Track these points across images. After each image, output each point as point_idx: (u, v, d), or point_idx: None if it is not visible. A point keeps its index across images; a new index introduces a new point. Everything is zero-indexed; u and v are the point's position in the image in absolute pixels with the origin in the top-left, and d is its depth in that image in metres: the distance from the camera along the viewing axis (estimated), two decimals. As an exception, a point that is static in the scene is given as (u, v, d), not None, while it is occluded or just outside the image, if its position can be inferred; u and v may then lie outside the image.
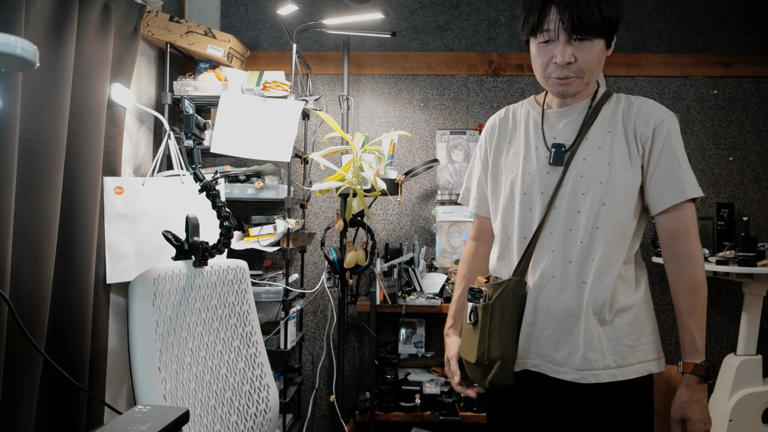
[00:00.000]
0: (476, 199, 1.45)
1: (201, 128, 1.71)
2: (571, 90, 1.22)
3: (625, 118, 1.24)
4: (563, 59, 1.17)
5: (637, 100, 1.26)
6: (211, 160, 2.66)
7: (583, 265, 1.20)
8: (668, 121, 1.22)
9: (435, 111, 2.78)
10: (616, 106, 1.26)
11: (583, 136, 1.24)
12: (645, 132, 1.21)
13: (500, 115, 1.40)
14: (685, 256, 1.21)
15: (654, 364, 1.22)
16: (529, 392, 1.27)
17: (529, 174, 1.27)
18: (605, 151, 1.21)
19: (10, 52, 0.82)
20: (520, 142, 1.32)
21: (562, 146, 1.24)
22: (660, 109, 1.25)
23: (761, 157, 2.72)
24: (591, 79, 1.23)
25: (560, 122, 1.28)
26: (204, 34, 2.36)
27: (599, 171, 1.20)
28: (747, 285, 2.37)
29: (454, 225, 2.69)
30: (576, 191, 1.21)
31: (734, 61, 2.73)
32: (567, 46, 1.16)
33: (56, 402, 1.63)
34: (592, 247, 1.19)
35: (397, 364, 2.53)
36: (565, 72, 1.19)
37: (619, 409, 1.20)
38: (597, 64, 1.20)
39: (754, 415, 2.33)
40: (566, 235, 1.21)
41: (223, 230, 1.58)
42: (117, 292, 2.02)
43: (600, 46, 1.18)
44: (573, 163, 1.22)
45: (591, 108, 1.26)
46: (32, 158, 1.53)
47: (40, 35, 1.55)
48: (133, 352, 1.36)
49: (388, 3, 2.79)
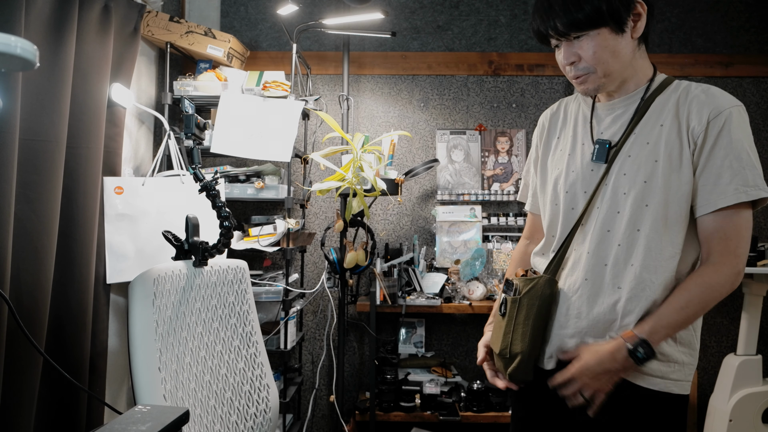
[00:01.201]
0: (532, 196, 1.40)
1: (201, 128, 1.71)
2: (590, 87, 1.15)
3: (680, 109, 1.11)
4: (565, 60, 1.14)
5: (697, 89, 1.13)
6: (211, 160, 2.66)
7: (620, 269, 1.13)
8: (727, 112, 1.07)
9: (435, 111, 2.78)
10: (672, 96, 1.14)
11: (631, 130, 1.14)
12: (698, 126, 1.09)
13: (552, 109, 1.35)
14: (724, 265, 1.08)
15: (676, 386, 1.13)
16: (549, 389, 1.21)
17: (573, 171, 1.21)
18: (653, 147, 1.11)
19: (10, 52, 0.82)
20: (568, 138, 1.26)
21: (607, 142, 1.16)
22: (721, 98, 1.10)
23: (761, 157, 2.72)
24: (611, 72, 1.12)
25: (609, 116, 1.20)
26: (204, 34, 2.36)
27: (643, 169, 1.11)
28: (747, 285, 2.37)
29: (454, 225, 2.69)
30: (617, 190, 1.14)
31: (734, 61, 2.73)
32: (567, 47, 1.13)
33: (56, 402, 1.63)
34: (631, 252, 1.12)
35: (397, 364, 2.53)
36: (575, 71, 1.14)
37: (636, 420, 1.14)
38: (609, 55, 1.10)
39: (754, 415, 2.33)
40: (603, 236, 1.15)
41: (223, 230, 1.59)
42: (117, 292, 2.02)
43: (603, 36, 1.09)
44: (617, 161, 1.14)
45: (643, 99, 1.16)
46: (32, 158, 1.53)
47: (40, 35, 1.55)
48: (133, 352, 1.36)
49: (388, 3, 2.79)
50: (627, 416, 1.14)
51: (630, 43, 1.12)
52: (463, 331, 2.73)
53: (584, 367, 1.12)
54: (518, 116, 2.76)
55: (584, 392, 1.13)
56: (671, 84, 1.16)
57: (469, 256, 2.59)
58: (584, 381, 1.12)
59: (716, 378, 2.45)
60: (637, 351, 1.07)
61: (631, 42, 1.12)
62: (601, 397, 1.12)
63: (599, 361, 1.10)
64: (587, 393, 1.12)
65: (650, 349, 1.07)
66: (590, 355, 1.12)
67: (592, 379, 1.11)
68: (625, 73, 1.15)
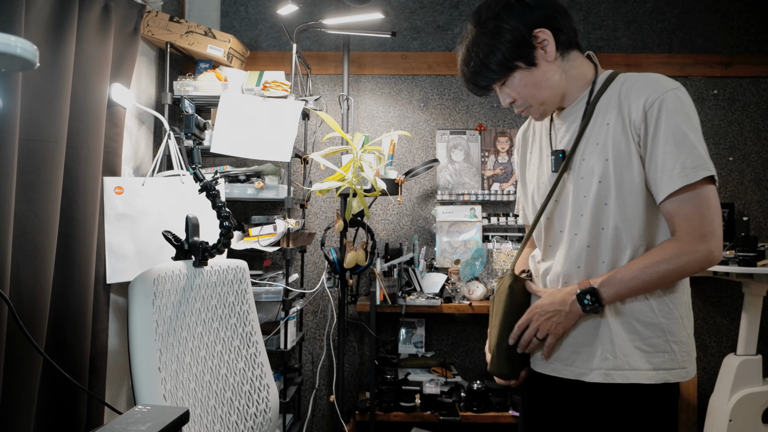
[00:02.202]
0: (523, 209, 1.45)
1: (201, 128, 1.71)
2: (535, 116, 1.24)
3: (622, 104, 1.14)
4: (504, 103, 1.23)
5: (632, 79, 1.15)
6: (211, 160, 2.66)
7: (592, 269, 1.17)
8: (660, 99, 1.09)
9: (435, 111, 2.78)
10: (614, 92, 1.16)
11: (581, 135, 1.18)
12: (637, 119, 1.11)
13: (524, 126, 1.41)
14: (688, 239, 1.08)
15: (672, 374, 1.13)
16: (553, 393, 1.26)
17: (543, 183, 1.27)
18: (603, 147, 1.15)
19: (10, 52, 0.82)
20: (536, 152, 1.33)
21: (561, 152, 1.22)
22: (654, 84, 1.11)
23: (761, 157, 2.72)
24: (544, 99, 1.19)
25: (563, 126, 1.24)
26: (204, 34, 2.36)
27: (597, 170, 1.14)
28: (747, 285, 2.37)
29: (454, 225, 2.69)
30: (578, 194, 1.18)
31: (734, 61, 2.73)
32: (500, 93, 1.22)
33: (56, 402, 1.63)
34: (600, 250, 1.16)
35: (397, 364, 2.53)
36: (517, 108, 1.24)
37: (629, 413, 1.15)
38: (533, 89, 1.18)
39: (754, 415, 2.33)
40: (573, 240, 1.19)
41: (223, 230, 1.58)
42: (117, 292, 2.02)
43: (520, 76, 1.16)
44: (574, 166, 1.19)
45: (588, 103, 1.19)
46: (32, 158, 1.53)
47: (40, 35, 1.55)
48: (133, 352, 1.36)
49: (388, 3, 2.79)
50: (623, 415, 1.16)
51: (549, 67, 1.17)
52: (463, 331, 2.73)
53: (538, 306, 1.20)
54: (518, 116, 2.75)
55: (538, 334, 1.19)
56: (615, 79, 1.18)
57: (469, 256, 2.59)
58: (538, 321, 1.19)
59: (716, 378, 2.45)
60: (585, 297, 1.13)
61: (551, 65, 1.17)
62: (553, 341, 1.19)
63: (551, 301, 1.18)
64: (540, 334, 1.19)
65: (597, 299, 1.12)
66: (546, 296, 1.20)
67: (545, 319, 1.18)
68: (560, 90, 1.20)
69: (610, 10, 2.79)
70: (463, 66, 1.21)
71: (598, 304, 1.12)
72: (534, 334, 1.20)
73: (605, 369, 1.14)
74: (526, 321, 1.21)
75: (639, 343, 1.13)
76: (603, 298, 1.12)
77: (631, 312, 1.14)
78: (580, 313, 1.15)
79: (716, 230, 1.08)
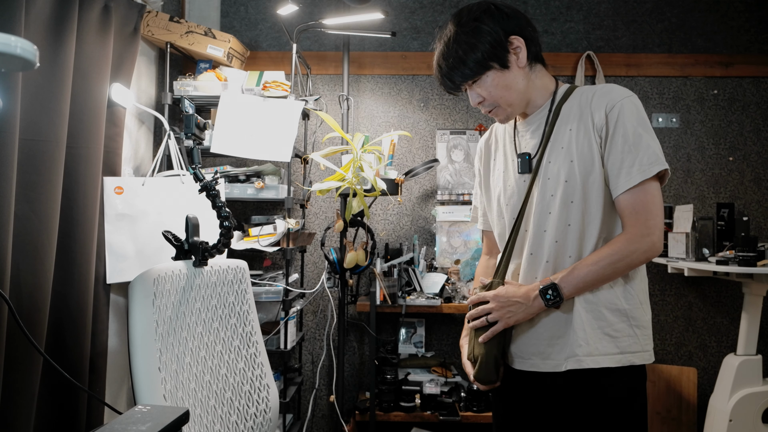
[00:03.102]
0: (482, 216, 1.52)
1: (201, 128, 1.71)
2: (501, 117, 1.31)
3: (583, 111, 1.25)
4: (473, 102, 1.30)
5: (592, 90, 1.27)
6: (211, 160, 2.66)
7: (560, 263, 1.25)
8: (619, 104, 1.21)
9: (435, 111, 2.78)
10: (574, 102, 1.27)
11: (547, 139, 1.28)
12: (599, 122, 1.22)
13: (486, 135, 1.50)
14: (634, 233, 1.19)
15: (637, 357, 1.22)
16: (529, 390, 1.31)
17: (509, 186, 1.34)
18: (566, 150, 1.24)
19: (10, 52, 0.82)
20: (500, 157, 1.41)
21: (527, 154, 1.30)
22: (614, 92, 1.24)
23: (761, 157, 2.72)
24: (512, 102, 1.27)
25: (527, 131, 1.33)
26: (204, 34, 2.36)
27: (563, 171, 1.24)
28: (747, 285, 2.37)
29: (454, 225, 2.69)
30: (545, 194, 1.26)
31: (734, 61, 2.73)
32: (471, 91, 1.28)
33: (56, 402, 1.63)
34: (566, 245, 1.24)
35: (397, 364, 2.53)
36: (484, 108, 1.30)
37: (601, 397, 1.22)
38: (503, 90, 1.25)
39: (754, 415, 2.33)
40: (542, 236, 1.27)
41: (223, 230, 1.59)
42: (117, 292, 2.02)
43: (493, 77, 1.24)
44: (541, 168, 1.27)
45: (551, 111, 1.30)
46: (32, 158, 1.53)
47: (40, 35, 1.55)
48: (133, 352, 1.36)
49: (388, 3, 2.79)
50: (593, 400, 1.23)
51: (519, 72, 1.26)
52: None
53: (502, 294, 1.27)
54: (518, 116, 2.75)
55: (490, 316, 1.27)
56: (573, 92, 1.30)
57: (469, 256, 2.59)
58: (494, 305, 1.26)
59: (716, 378, 2.45)
60: (547, 292, 1.21)
61: (521, 71, 1.26)
62: (500, 328, 1.26)
63: (514, 293, 1.25)
64: (491, 317, 1.27)
65: (558, 293, 1.20)
66: (509, 287, 1.27)
67: (501, 306, 1.26)
68: (527, 96, 1.30)
69: (610, 10, 2.79)
70: (441, 61, 1.27)
71: (559, 299, 1.20)
72: (485, 314, 1.27)
73: (578, 356, 1.21)
74: (486, 299, 1.29)
75: (608, 329, 1.22)
76: (563, 292, 1.20)
77: (599, 300, 1.23)
78: (542, 307, 1.22)
79: (659, 223, 1.21)
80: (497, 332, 1.27)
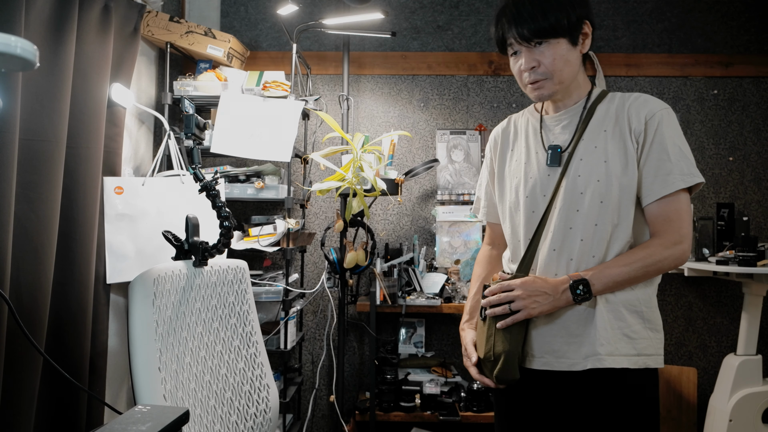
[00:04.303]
0: (485, 207, 1.50)
1: (201, 128, 1.71)
2: (545, 93, 1.26)
3: (619, 116, 1.26)
4: (526, 65, 1.25)
5: (630, 97, 1.28)
6: (211, 160, 2.66)
7: (583, 262, 1.23)
8: (659, 113, 1.23)
9: (435, 111, 2.78)
10: (611, 105, 1.28)
11: (579, 136, 1.27)
12: (638, 126, 1.23)
13: (503, 125, 1.46)
14: (668, 240, 1.20)
15: (652, 360, 1.22)
16: (537, 389, 1.29)
17: (531, 178, 1.31)
18: (601, 150, 1.24)
19: (10, 52, 0.82)
20: (522, 149, 1.37)
21: (558, 147, 1.28)
22: (653, 102, 1.26)
23: (761, 157, 2.72)
24: (564, 79, 1.25)
25: (557, 126, 1.32)
26: (204, 34, 2.36)
27: (596, 170, 1.23)
28: (747, 285, 2.37)
29: (454, 225, 2.69)
30: (574, 191, 1.24)
31: (734, 61, 2.73)
32: (528, 52, 1.24)
33: (56, 402, 1.63)
34: (592, 245, 1.22)
35: (397, 364, 2.53)
36: (534, 76, 1.25)
37: (616, 398, 1.21)
38: (564, 64, 1.23)
39: (754, 415, 2.33)
40: (566, 233, 1.24)
41: (223, 230, 1.59)
42: (117, 292, 2.02)
43: (562, 47, 1.22)
44: (571, 164, 1.26)
45: (585, 109, 1.29)
46: (32, 158, 1.53)
47: (40, 35, 1.55)
48: (133, 352, 1.36)
49: (388, 3, 2.79)
50: (608, 400, 1.21)
51: (579, 57, 1.27)
52: (463, 331, 2.73)
53: (527, 282, 1.23)
54: (518, 116, 2.75)
55: (513, 304, 1.22)
56: (606, 96, 1.30)
57: (469, 256, 2.59)
58: (520, 292, 1.22)
59: (716, 378, 2.45)
60: (578, 287, 1.19)
61: (579, 57, 1.27)
62: (521, 317, 1.22)
63: (542, 285, 1.22)
64: (515, 305, 1.22)
65: (588, 289, 1.19)
66: (537, 278, 1.24)
67: (528, 295, 1.21)
68: (572, 85, 1.29)
69: (610, 10, 2.79)
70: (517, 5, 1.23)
71: (588, 295, 1.19)
72: (509, 302, 1.23)
73: (600, 355, 1.19)
74: (511, 287, 1.23)
75: (626, 330, 1.21)
76: (594, 289, 1.19)
77: (619, 300, 1.22)
78: (569, 301, 1.21)
79: (690, 233, 1.23)
80: (517, 321, 1.22)
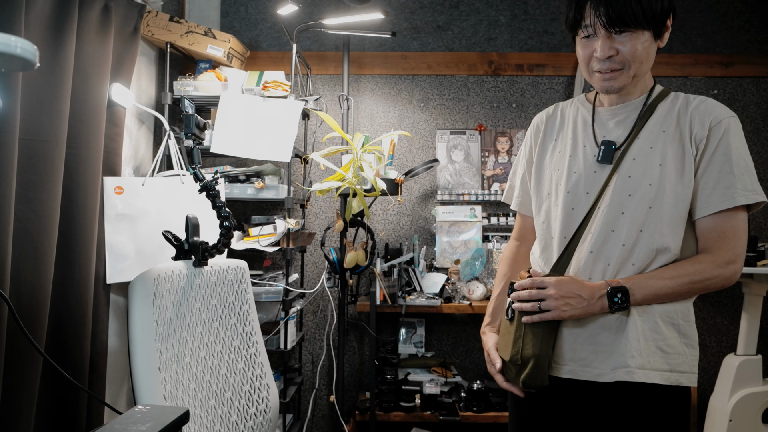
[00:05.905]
0: (519, 197, 1.41)
1: (201, 128, 1.71)
2: (616, 84, 1.16)
3: (681, 118, 1.16)
4: (603, 53, 1.13)
5: (695, 99, 1.18)
6: (211, 160, 2.66)
7: (622, 269, 1.14)
8: (726, 121, 1.13)
9: (435, 111, 2.78)
10: (673, 105, 1.19)
11: (635, 134, 1.17)
12: (700, 132, 1.13)
13: (548, 112, 1.36)
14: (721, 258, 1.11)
15: (685, 378, 1.14)
16: (559, 397, 1.21)
17: (575, 172, 1.22)
18: (657, 152, 1.14)
19: (10, 52, 0.82)
20: (567, 140, 1.27)
21: (612, 144, 1.18)
22: (720, 108, 1.16)
23: (761, 157, 2.72)
24: (639, 73, 1.15)
25: (612, 120, 1.22)
26: (204, 34, 2.36)
27: (648, 172, 1.14)
28: (747, 285, 2.37)
29: (454, 225, 2.69)
30: (622, 192, 1.15)
31: (734, 61, 2.73)
32: (607, 39, 1.12)
33: (56, 402, 1.63)
34: (634, 252, 1.14)
35: (397, 364, 2.53)
36: (608, 65, 1.14)
37: (644, 415, 1.13)
38: (644, 57, 1.14)
39: (754, 415, 2.33)
40: (608, 236, 1.15)
41: (223, 230, 1.59)
42: (117, 292, 2.02)
43: (645, 38, 1.12)
44: (622, 163, 1.16)
45: (645, 106, 1.19)
46: (32, 158, 1.53)
47: (40, 35, 1.55)
48: (133, 352, 1.36)
49: (388, 3, 2.79)
50: (635, 416, 1.13)
51: (655, 51, 1.17)
52: (463, 331, 2.73)
53: (562, 282, 1.14)
54: (518, 116, 2.75)
55: (544, 303, 1.14)
56: (669, 95, 1.21)
57: (469, 256, 2.59)
58: (553, 291, 1.13)
59: (716, 378, 2.45)
60: (616, 295, 1.10)
61: (655, 52, 1.17)
62: (549, 317, 1.14)
63: (578, 286, 1.13)
64: (546, 304, 1.14)
65: (626, 299, 1.10)
66: (573, 279, 1.15)
67: (562, 295, 1.13)
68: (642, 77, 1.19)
69: (610, 10, 2.78)
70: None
71: (626, 305, 1.11)
72: (539, 300, 1.14)
73: (630, 368, 1.11)
74: (544, 284, 1.15)
75: (661, 343, 1.13)
76: (633, 299, 1.11)
77: (655, 310, 1.14)
78: (604, 308, 1.12)
79: (744, 253, 1.14)
80: (545, 320, 1.14)
